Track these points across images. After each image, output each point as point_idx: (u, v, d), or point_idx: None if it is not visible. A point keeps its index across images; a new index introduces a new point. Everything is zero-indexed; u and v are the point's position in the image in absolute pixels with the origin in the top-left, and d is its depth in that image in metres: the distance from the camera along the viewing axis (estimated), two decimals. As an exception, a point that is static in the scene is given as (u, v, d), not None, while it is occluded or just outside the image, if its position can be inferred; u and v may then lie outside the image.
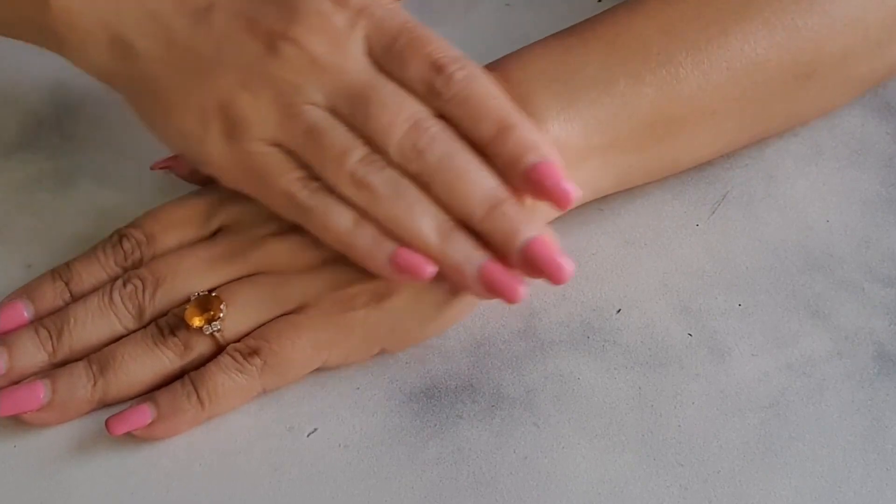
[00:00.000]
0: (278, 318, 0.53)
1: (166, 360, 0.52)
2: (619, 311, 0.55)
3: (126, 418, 0.51)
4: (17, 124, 0.62)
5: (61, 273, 0.54)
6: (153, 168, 0.58)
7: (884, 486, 0.50)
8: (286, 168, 0.51)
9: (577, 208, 0.56)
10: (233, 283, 0.53)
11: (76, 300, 0.54)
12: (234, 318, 0.52)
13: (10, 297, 0.54)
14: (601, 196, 0.56)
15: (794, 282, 0.56)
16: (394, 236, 0.50)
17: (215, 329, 0.52)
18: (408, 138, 0.50)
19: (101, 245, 0.55)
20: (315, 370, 0.53)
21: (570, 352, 0.54)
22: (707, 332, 0.55)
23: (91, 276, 0.54)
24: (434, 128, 0.50)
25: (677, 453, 0.51)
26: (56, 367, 0.53)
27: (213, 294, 0.52)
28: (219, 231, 0.55)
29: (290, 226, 0.53)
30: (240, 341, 0.52)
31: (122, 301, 0.53)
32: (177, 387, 0.52)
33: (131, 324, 0.53)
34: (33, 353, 0.53)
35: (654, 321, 0.55)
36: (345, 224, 0.50)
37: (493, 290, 0.50)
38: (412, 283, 0.51)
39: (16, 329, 0.53)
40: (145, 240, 0.54)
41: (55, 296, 0.54)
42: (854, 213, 0.58)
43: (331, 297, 0.52)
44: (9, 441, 0.52)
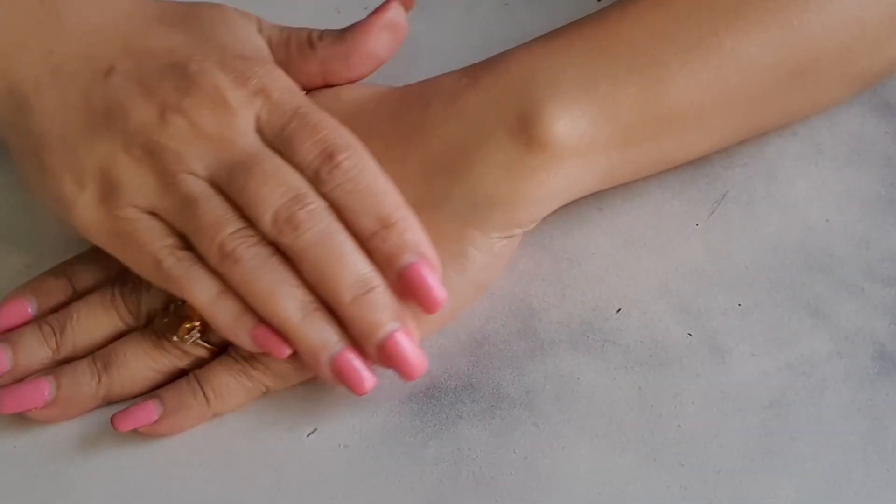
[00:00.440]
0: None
1: (167, 361, 0.52)
2: (618, 310, 0.55)
3: (132, 415, 0.51)
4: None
5: (64, 270, 0.55)
6: None
7: (884, 487, 0.50)
8: (157, 235, 0.50)
9: (576, 208, 0.56)
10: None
11: (79, 296, 0.54)
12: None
13: (13, 293, 0.54)
14: (590, 193, 0.55)
15: (794, 282, 0.56)
16: (255, 312, 0.50)
17: (196, 338, 0.52)
18: (284, 210, 0.49)
19: None
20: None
21: (569, 352, 0.54)
22: (707, 332, 0.54)
23: (93, 272, 0.54)
24: (314, 204, 0.50)
25: (677, 453, 0.51)
26: (59, 364, 0.53)
27: (182, 303, 0.52)
28: None
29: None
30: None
31: (122, 299, 0.53)
32: (182, 384, 0.52)
33: (132, 322, 0.53)
34: (37, 350, 0.53)
35: (654, 321, 0.55)
36: (207, 296, 0.50)
37: (342, 380, 0.50)
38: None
39: (19, 324, 0.53)
40: None
41: (59, 292, 0.54)
42: (854, 213, 0.58)
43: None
44: (9, 440, 0.52)
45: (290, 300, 0.49)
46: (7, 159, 0.60)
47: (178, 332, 0.52)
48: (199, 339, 0.52)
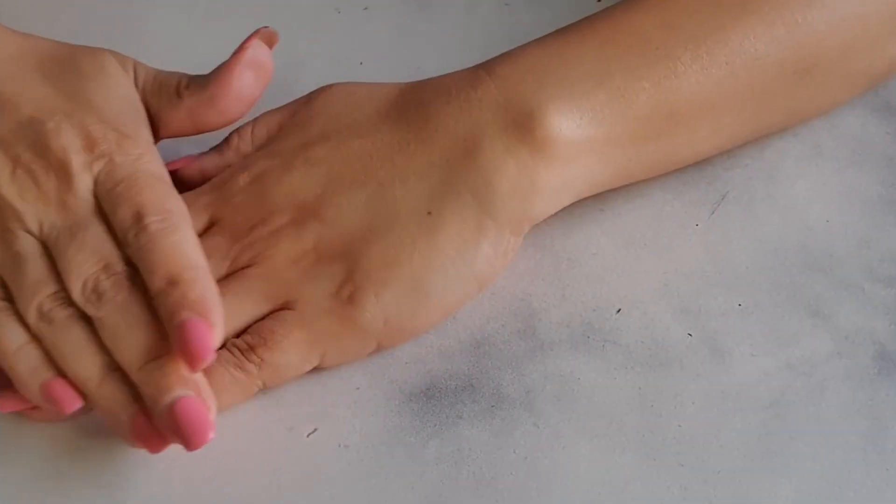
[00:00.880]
0: (272, 314, 0.53)
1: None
2: (619, 311, 0.55)
3: None
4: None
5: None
6: None
7: (884, 487, 0.50)
8: None
9: (577, 208, 0.56)
10: (222, 280, 0.53)
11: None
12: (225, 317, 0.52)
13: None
14: (600, 191, 0.56)
15: (794, 282, 0.56)
16: (57, 369, 0.50)
17: None
18: (92, 279, 0.50)
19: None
20: (314, 370, 0.53)
21: (570, 352, 0.54)
22: (707, 333, 0.54)
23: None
24: (119, 274, 0.50)
25: (677, 453, 0.51)
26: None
27: None
28: (211, 226, 0.55)
29: (278, 218, 0.53)
30: (238, 337, 0.52)
31: None
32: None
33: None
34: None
35: (655, 321, 0.55)
36: (13, 345, 0.50)
37: (141, 443, 0.49)
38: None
39: None
40: None
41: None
42: (854, 214, 0.58)
43: (321, 293, 0.52)
44: (9, 440, 0.52)
45: (89, 361, 0.50)
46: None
47: None
48: None
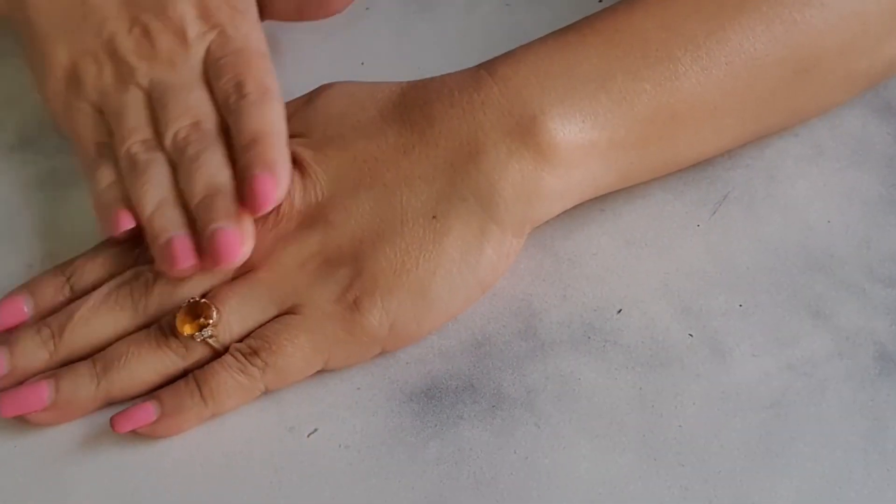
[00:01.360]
0: (278, 317, 0.53)
1: (168, 361, 0.52)
2: (619, 311, 0.55)
3: (130, 416, 0.51)
4: (17, 124, 0.62)
5: (63, 269, 0.55)
6: None
7: (885, 487, 0.50)
8: (93, 128, 0.56)
9: (578, 209, 0.56)
10: (228, 283, 0.53)
11: (77, 296, 0.54)
12: (229, 320, 0.52)
13: (10, 292, 0.54)
14: (604, 193, 0.56)
15: (794, 282, 0.56)
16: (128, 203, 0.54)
17: (206, 336, 0.52)
18: (184, 132, 0.55)
19: (106, 241, 0.55)
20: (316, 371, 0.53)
21: (570, 352, 0.54)
22: (708, 333, 0.54)
23: (93, 272, 0.54)
24: (208, 131, 0.55)
25: (678, 454, 0.51)
26: (58, 366, 0.53)
27: (203, 300, 0.52)
28: None
29: (286, 221, 0.53)
30: (242, 341, 0.52)
31: (126, 298, 0.53)
32: (180, 385, 0.52)
33: (134, 321, 0.53)
34: (34, 352, 0.53)
35: (655, 321, 0.55)
36: (104, 181, 0.55)
37: (167, 258, 0.52)
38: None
39: (16, 324, 0.53)
40: None
41: (56, 291, 0.54)
42: (855, 214, 0.58)
43: (327, 297, 0.52)
44: (9, 440, 0.52)
45: (153, 193, 0.54)
46: (8, 158, 0.61)
47: (192, 325, 0.52)
48: (209, 338, 0.52)
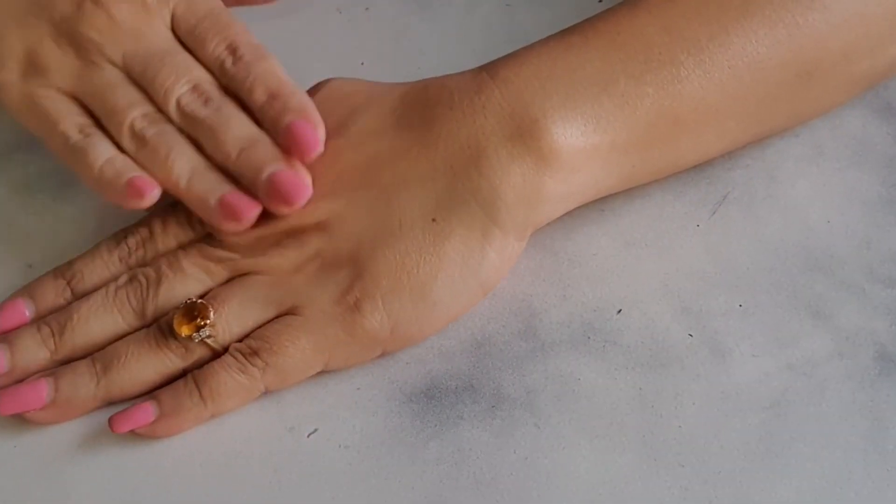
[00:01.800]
0: (278, 318, 0.53)
1: (168, 361, 0.52)
2: (619, 311, 0.55)
3: (129, 416, 0.51)
4: (17, 124, 0.62)
5: (63, 272, 0.54)
6: None
7: (885, 487, 0.50)
8: (68, 113, 0.54)
9: (578, 209, 0.56)
10: (228, 283, 0.53)
11: (78, 299, 0.54)
12: (228, 320, 0.52)
13: (11, 296, 0.54)
14: (605, 195, 0.56)
15: (794, 282, 0.56)
16: (151, 176, 0.53)
17: (204, 336, 0.52)
18: (186, 97, 0.54)
19: (105, 243, 0.55)
20: (315, 370, 0.53)
21: (570, 352, 0.54)
22: (708, 333, 0.54)
23: (93, 274, 0.54)
24: (212, 91, 0.54)
25: (678, 454, 0.51)
26: (58, 366, 0.53)
27: (200, 301, 0.52)
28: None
29: (283, 223, 0.53)
30: (242, 341, 0.52)
31: (126, 299, 0.53)
32: (180, 385, 0.52)
33: (134, 322, 0.53)
34: (35, 351, 0.53)
35: (655, 322, 0.55)
36: (101, 156, 0.53)
37: (230, 215, 0.52)
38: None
39: (17, 328, 0.53)
40: (150, 237, 0.54)
41: (56, 294, 0.54)
42: (855, 214, 0.58)
43: (327, 298, 0.52)
44: (9, 440, 0.52)
45: (182, 161, 0.53)
46: (8, 158, 0.61)
47: (189, 326, 0.52)
48: (207, 338, 0.52)
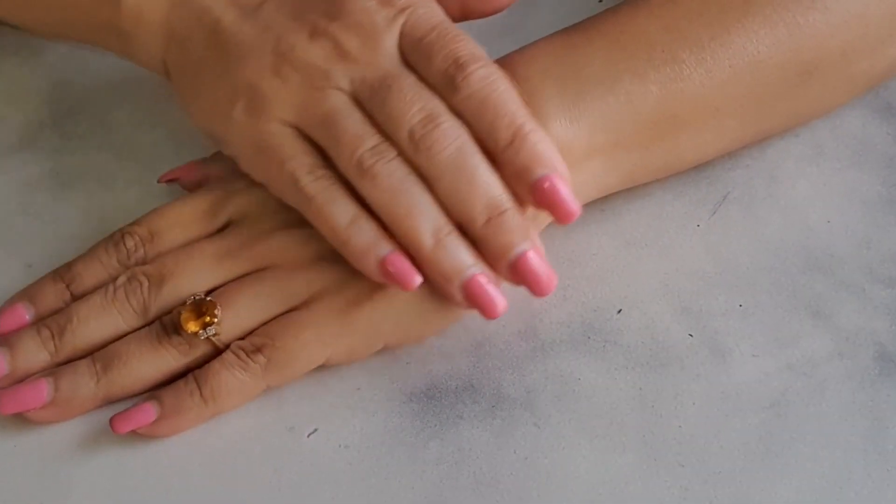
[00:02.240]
0: (282, 314, 0.52)
1: (170, 358, 0.52)
2: (619, 311, 0.55)
3: (130, 417, 0.51)
4: (17, 124, 0.62)
5: (62, 274, 0.54)
6: (160, 181, 0.58)
7: (885, 487, 0.50)
8: (297, 151, 0.52)
9: (577, 208, 0.56)
10: (235, 281, 0.53)
11: (77, 300, 0.54)
12: (234, 318, 0.52)
13: (10, 299, 0.54)
14: (607, 194, 0.56)
15: (794, 282, 0.56)
16: (390, 231, 0.50)
17: (210, 334, 0.52)
18: (419, 128, 0.50)
19: (103, 244, 0.55)
20: (316, 368, 0.53)
21: (570, 352, 0.54)
22: (708, 333, 0.54)
23: (92, 275, 0.54)
24: (446, 123, 0.51)
25: (678, 454, 0.51)
26: (59, 366, 0.53)
27: (208, 298, 0.52)
28: (226, 226, 0.55)
29: (296, 220, 0.53)
30: (244, 339, 0.52)
31: (126, 298, 0.53)
32: (180, 385, 0.52)
33: (135, 321, 0.53)
34: (35, 354, 0.53)
35: (655, 322, 0.55)
36: (343, 219, 0.51)
37: (474, 304, 0.50)
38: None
39: (17, 330, 0.53)
40: (149, 237, 0.54)
41: (56, 297, 0.54)
42: (855, 214, 0.58)
43: (334, 293, 0.52)
44: (9, 440, 0.52)
45: (426, 221, 0.50)
46: (8, 158, 0.61)
47: (196, 322, 0.52)
48: (213, 336, 0.52)
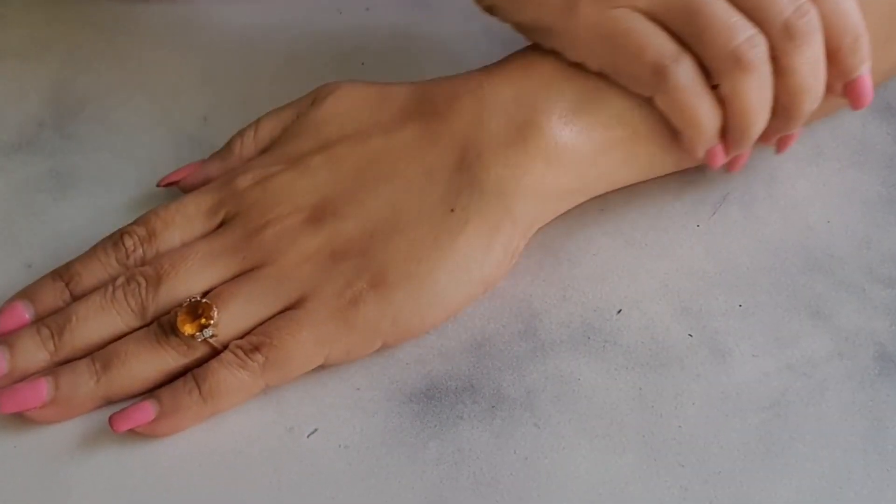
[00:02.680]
0: (280, 313, 0.53)
1: (169, 358, 0.52)
2: (619, 311, 0.55)
3: (129, 415, 0.51)
4: (17, 124, 0.62)
5: (61, 274, 0.54)
6: (160, 185, 0.58)
7: (885, 487, 0.50)
8: (657, 40, 0.50)
9: (577, 208, 0.56)
10: (230, 281, 0.53)
11: (77, 300, 0.54)
12: (231, 319, 0.52)
13: (10, 299, 0.54)
14: (622, 186, 0.56)
15: (794, 282, 0.56)
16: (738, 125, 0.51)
17: (208, 335, 0.52)
18: (794, 18, 0.49)
19: (102, 244, 0.55)
20: (316, 369, 0.53)
21: (570, 352, 0.54)
22: (708, 333, 0.54)
23: (92, 275, 0.54)
24: (811, 14, 0.50)
25: (678, 454, 0.51)
26: (59, 366, 0.53)
27: (204, 300, 0.52)
28: (221, 225, 0.55)
29: (295, 216, 0.53)
30: (243, 338, 0.52)
31: (125, 298, 0.53)
32: (179, 384, 0.52)
33: (134, 321, 0.53)
34: (34, 353, 0.53)
35: (655, 322, 0.55)
36: (708, 120, 0.50)
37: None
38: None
39: (17, 330, 0.53)
40: (148, 237, 0.54)
41: (55, 297, 0.54)
42: (855, 214, 0.58)
43: (331, 290, 0.52)
44: (9, 440, 0.52)
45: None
46: (8, 159, 0.61)
47: (192, 325, 0.52)
48: (210, 337, 0.52)
